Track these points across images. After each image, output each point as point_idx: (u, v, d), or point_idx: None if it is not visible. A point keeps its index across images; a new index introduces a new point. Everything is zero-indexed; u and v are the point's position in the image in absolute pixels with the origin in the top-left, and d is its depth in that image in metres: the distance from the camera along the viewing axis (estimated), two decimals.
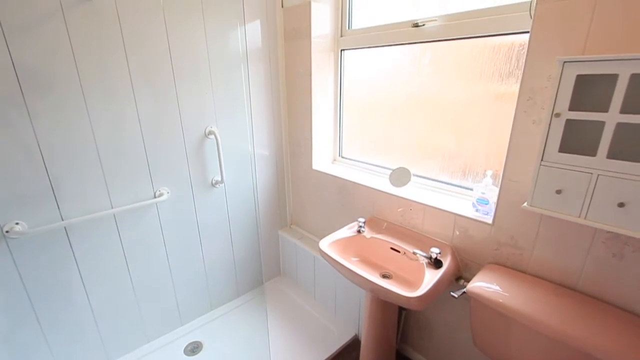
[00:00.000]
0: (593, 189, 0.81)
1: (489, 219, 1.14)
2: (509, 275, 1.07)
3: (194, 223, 1.69)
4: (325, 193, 1.79)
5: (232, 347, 1.69)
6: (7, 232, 1.16)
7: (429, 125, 1.42)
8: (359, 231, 1.44)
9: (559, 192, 0.86)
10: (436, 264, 1.18)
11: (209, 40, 1.49)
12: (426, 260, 1.20)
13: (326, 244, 1.35)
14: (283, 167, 2.02)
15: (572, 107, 0.81)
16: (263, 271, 2.11)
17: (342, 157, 1.87)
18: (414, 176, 1.45)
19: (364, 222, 1.45)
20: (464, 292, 1.07)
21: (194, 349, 1.68)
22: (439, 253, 1.18)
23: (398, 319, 1.48)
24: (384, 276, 1.32)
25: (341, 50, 1.69)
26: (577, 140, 0.82)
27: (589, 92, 0.79)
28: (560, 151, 0.84)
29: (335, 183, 1.71)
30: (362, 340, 1.48)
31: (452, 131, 1.34)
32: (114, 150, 1.34)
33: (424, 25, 1.29)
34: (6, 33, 1.05)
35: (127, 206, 1.41)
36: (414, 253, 1.23)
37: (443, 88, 1.33)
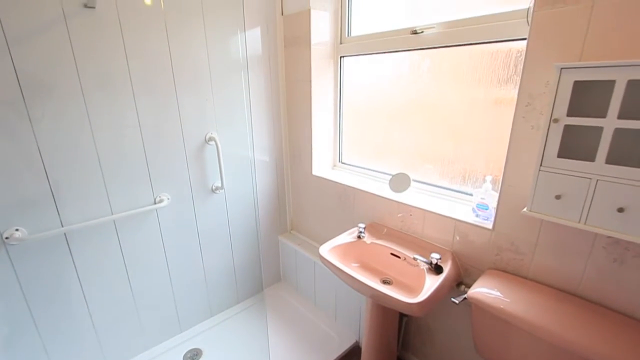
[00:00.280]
0: (592, 194, 0.81)
1: (489, 225, 1.14)
2: (509, 281, 1.07)
3: (194, 229, 1.68)
4: (325, 199, 1.79)
5: (231, 354, 1.68)
6: (6, 238, 1.16)
7: (429, 131, 1.42)
8: (359, 237, 1.44)
9: (558, 197, 0.86)
10: (437, 269, 1.18)
11: (210, 47, 1.51)
12: (427, 266, 1.20)
13: (326, 250, 1.35)
14: (283, 172, 2.02)
15: (570, 113, 0.81)
16: (263, 277, 2.10)
17: (342, 163, 1.88)
18: (414, 182, 1.45)
19: (364, 228, 1.44)
20: (465, 298, 1.07)
21: (193, 356, 1.66)
22: (440, 259, 1.18)
23: (399, 326, 1.47)
24: (385, 282, 1.32)
25: (340, 57, 1.70)
26: (575, 145, 0.83)
27: (586, 98, 0.79)
28: (559, 156, 0.85)
29: (335, 189, 1.71)
30: (363, 347, 1.47)
31: (451, 137, 1.34)
32: (114, 156, 1.34)
33: (422, 32, 1.30)
34: (9, 40, 1.06)
35: (127, 212, 1.41)
36: (415, 259, 1.23)
37: (442, 94, 1.34)
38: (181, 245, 1.65)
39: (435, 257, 1.17)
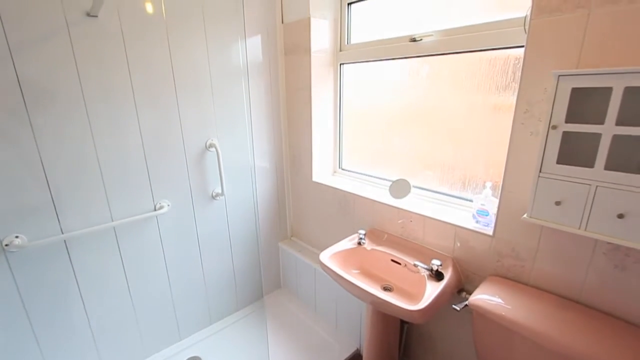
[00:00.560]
0: (592, 201, 0.81)
1: (489, 231, 1.14)
2: (511, 288, 1.06)
3: (194, 235, 1.68)
4: (326, 205, 1.79)
5: None
6: (6, 245, 1.16)
7: (428, 137, 1.43)
8: (359, 243, 1.43)
9: (558, 203, 0.86)
10: (437, 276, 1.17)
11: (211, 54, 1.52)
12: (427, 273, 1.19)
13: (327, 256, 1.34)
14: (283, 179, 2.02)
15: (569, 120, 0.82)
16: (263, 284, 2.09)
17: (342, 169, 1.88)
18: (414, 188, 1.45)
19: (365, 234, 1.44)
20: (466, 305, 1.06)
21: None
22: (440, 265, 1.17)
23: (400, 333, 1.45)
24: (385, 289, 1.31)
25: (340, 64, 1.72)
26: (574, 151, 0.83)
27: (584, 104, 0.80)
28: (558, 163, 0.85)
29: (335, 195, 1.71)
30: (364, 355, 1.45)
31: (451, 143, 1.35)
32: (115, 163, 1.35)
33: (421, 40, 1.32)
34: (12, 48, 1.07)
35: (127, 219, 1.40)
36: (415, 265, 1.22)
37: (441, 100, 1.35)
38: (181, 252, 1.65)
39: (436, 263, 1.17)
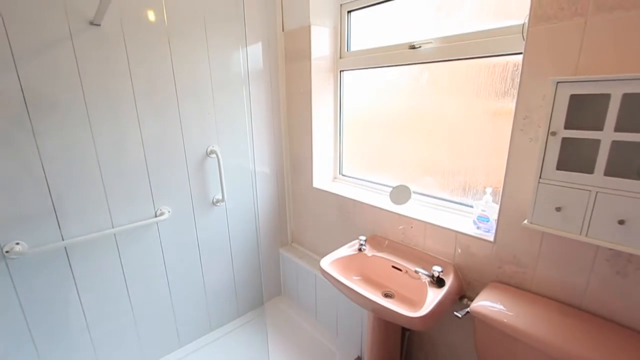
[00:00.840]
0: (592, 206, 0.81)
1: (490, 237, 1.14)
2: (513, 294, 1.05)
3: (195, 242, 1.68)
4: (326, 211, 1.79)
5: None
6: (7, 252, 1.16)
7: (428, 143, 1.43)
8: (360, 249, 1.43)
9: (558, 209, 0.86)
10: (438, 282, 1.16)
11: (212, 62, 1.54)
12: (428, 279, 1.19)
13: (327, 263, 1.34)
14: (284, 185, 2.02)
15: (568, 126, 0.82)
16: (263, 291, 2.08)
17: (342, 175, 1.88)
18: (414, 193, 1.45)
19: (365, 240, 1.44)
20: (468, 312, 1.05)
21: None
22: (441, 271, 1.17)
23: (401, 340, 1.44)
24: (386, 295, 1.31)
25: (340, 71, 1.73)
26: (574, 157, 0.83)
27: (583, 111, 0.80)
28: (558, 169, 0.85)
29: (336, 201, 1.71)
30: None
31: (451, 149, 1.35)
32: (116, 169, 1.35)
33: (420, 47, 1.33)
34: (16, 56, 1.08)
35: (127, 225, 1.41)
36: (416, 271, 1.22)
37: (441, 106, 1.35)
38: (181, 259, 1.65)
39: (437, 270, 1.16)
